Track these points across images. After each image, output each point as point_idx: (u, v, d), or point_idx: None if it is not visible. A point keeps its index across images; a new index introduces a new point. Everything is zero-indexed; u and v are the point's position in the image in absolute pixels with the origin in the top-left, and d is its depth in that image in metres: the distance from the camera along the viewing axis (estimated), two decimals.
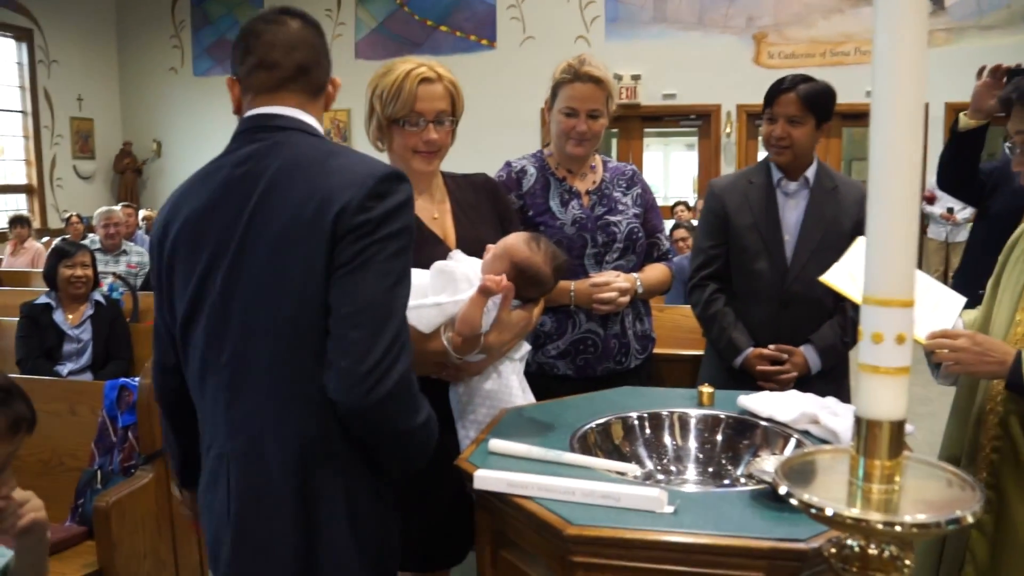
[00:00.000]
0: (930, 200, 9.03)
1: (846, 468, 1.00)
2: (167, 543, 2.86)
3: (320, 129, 1.62)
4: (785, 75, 2.74)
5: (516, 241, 1.92)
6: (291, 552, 1.49)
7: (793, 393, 1.91)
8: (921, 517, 0.85)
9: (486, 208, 2.24)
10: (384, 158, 2.14)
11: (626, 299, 2.48)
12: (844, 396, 2.79)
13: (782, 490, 1.01)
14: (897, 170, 0.92)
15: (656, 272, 2.66)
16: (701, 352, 3.02)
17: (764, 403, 1.83)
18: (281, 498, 1.48)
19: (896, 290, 0.93)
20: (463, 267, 1.89)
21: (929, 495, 0.95)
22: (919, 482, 0.98)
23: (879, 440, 0.94)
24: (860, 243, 2.25)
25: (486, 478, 1.45)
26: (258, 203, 1.49)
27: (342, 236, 1.43)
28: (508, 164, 2.63)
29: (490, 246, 1.97)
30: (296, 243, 1.45)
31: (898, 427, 0.95)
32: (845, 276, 2.19)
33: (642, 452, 1.79)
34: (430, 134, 2.03)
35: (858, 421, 0.96)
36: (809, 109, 2.66)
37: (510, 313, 1.88)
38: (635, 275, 2.56)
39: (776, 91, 2.69)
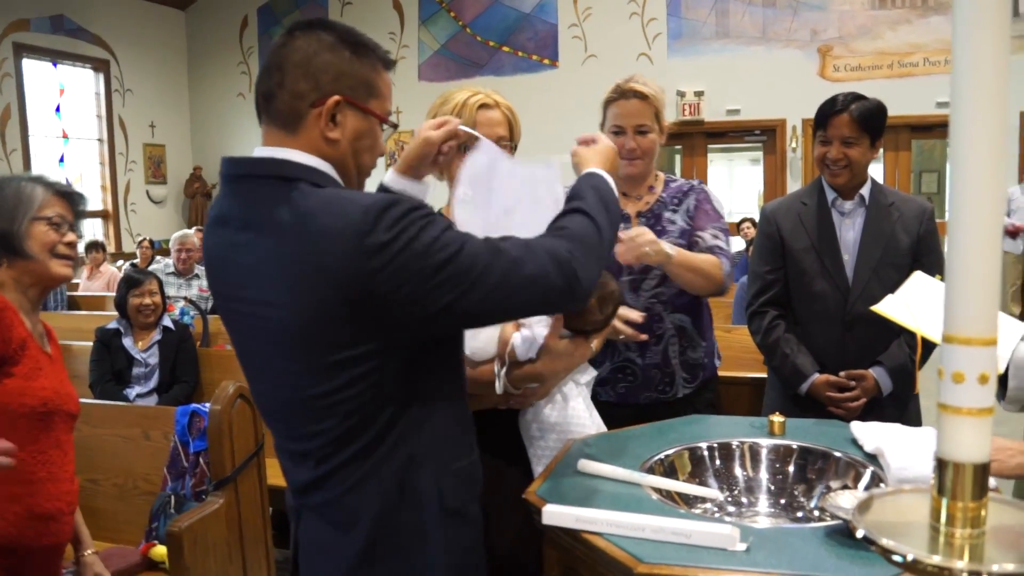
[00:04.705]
0: (1013, 234, 8.61)
1: (927, 510, 0.97)
2: (238, 567, 2.90)
3: (313, 165, 1.43)
4: (836, 94, 2.68)
5: None
6: None
7: (926, 432, 1.83)
8: (1010, 567, 0.81)
9: None
10: (443, 188, 2.14)
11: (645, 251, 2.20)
12: (912, 418, 2.71)
13: (860, 533, 0.98)
14: (978, 201, 0.89)
15: (699, 256, 2.38)
16: (766, 375, 2.96)
17: (872, 436, 1.77)
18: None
19: (978, 328, 0.90)
20: None
21: (1018, 540, 0.91)
22: (1007, 526, 0.94)
23: (962, 483, 0.91)
24: (916, 277, 2.23)
25: (555, 513, 1.44)
26: None
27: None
28: (566, 188, 2.62)
29: None
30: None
31: (982, 470, 0.91)
32: (899, 305, 2.14)
33: (712, 483, 1.76)
34: None
35: (940, 463, 0.93)
36: (863, 128, 2.61)
37: (559, 341, 1.87)
38: (669, 247, 2.26)
39: (828, 112, 2.63)
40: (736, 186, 14.02)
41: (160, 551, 2.87)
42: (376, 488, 1.43)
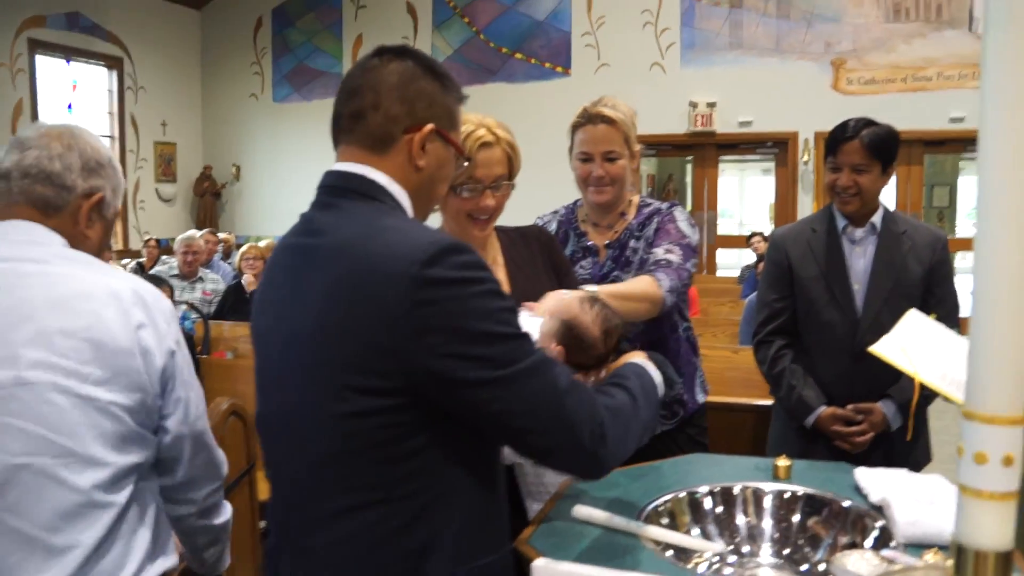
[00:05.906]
0: None
1: None
2: None
3: (392, 190, 1.40)
4: (847, 120, 2.61)
5: (570, 300, 1.80)
6: None
7: (934, 482, 1.75)
8: None
9: (540, 260, 2.16)
10: (435, 219, 2.08)
11: None
12: (921, 453, 2.65)
13: None
14: (1006, 269, 0.82)
15: (628, 283, 2.25)
16: (772, 403, 2.89)
17: (878, 486, 1.70)
18: None
19: (1004, 405, 0.82)
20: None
21: None
22: None
23: (984, 572, 0.84)
24: (910, 316, 2.19)
25: (546, 569, 1.37)
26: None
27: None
28: (538, 220, 2.54)
29: (550, 294, 1.86)
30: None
31: (1005, 557, 0.85)
32: (896, 348, 2.08)
33: (712, 530, 1.69)
34: (487, 200, 1.96)
35: (960, 550, 0.86)
36: (874, 155, 2.54)
37: None
38: (593, 287, 2.11)
39: (839, 139, 2.57)
40: (747, 198, 13.95)
41: None
42: (379, 563, 1.31)
